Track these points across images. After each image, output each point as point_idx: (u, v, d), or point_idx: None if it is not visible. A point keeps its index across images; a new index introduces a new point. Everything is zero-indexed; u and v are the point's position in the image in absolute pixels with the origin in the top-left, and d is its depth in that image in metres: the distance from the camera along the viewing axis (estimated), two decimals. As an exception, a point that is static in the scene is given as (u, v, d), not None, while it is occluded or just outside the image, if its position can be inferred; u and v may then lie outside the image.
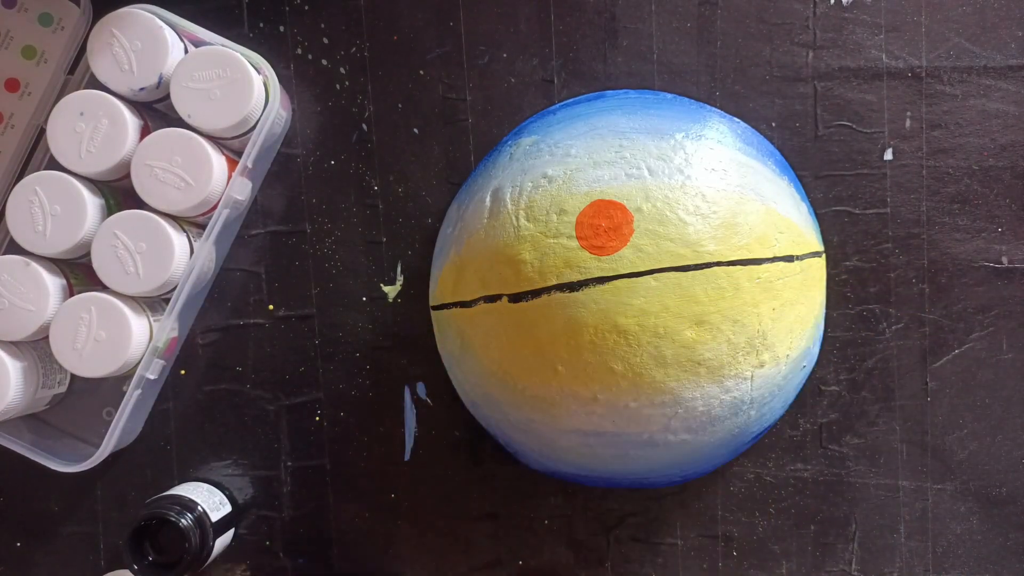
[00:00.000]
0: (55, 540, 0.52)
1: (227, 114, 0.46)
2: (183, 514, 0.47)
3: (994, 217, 0.50)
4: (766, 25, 0.50)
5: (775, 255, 0.44)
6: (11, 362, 0.46)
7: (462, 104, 0.51)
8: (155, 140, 0.46)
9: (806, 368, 0.48)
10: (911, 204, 0.50)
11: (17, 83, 0.49)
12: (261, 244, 0.51)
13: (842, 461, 0.50)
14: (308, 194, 0.51)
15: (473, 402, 0.49)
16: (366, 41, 0.51)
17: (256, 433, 0.52)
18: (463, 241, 0.46)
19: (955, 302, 0.50)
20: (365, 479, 0.51)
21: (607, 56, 0.50)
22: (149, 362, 0.47)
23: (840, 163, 0.50)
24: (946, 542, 0.50)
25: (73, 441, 0.51)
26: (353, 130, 0.51)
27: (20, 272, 0.46)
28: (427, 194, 0.51)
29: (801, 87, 0.50)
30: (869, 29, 0.50)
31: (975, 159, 0.50)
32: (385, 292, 0.51)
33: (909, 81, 0.50)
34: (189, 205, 0.46)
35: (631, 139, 0.45)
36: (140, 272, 0.46)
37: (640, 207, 0.43)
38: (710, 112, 0.48)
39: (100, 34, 0.46)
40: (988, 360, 0.50)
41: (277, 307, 0.51)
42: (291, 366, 0.51)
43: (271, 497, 0.52)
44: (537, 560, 0.51)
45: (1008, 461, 0.50)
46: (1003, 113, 0.50)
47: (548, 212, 0.44)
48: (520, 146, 0.47)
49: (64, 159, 0.46)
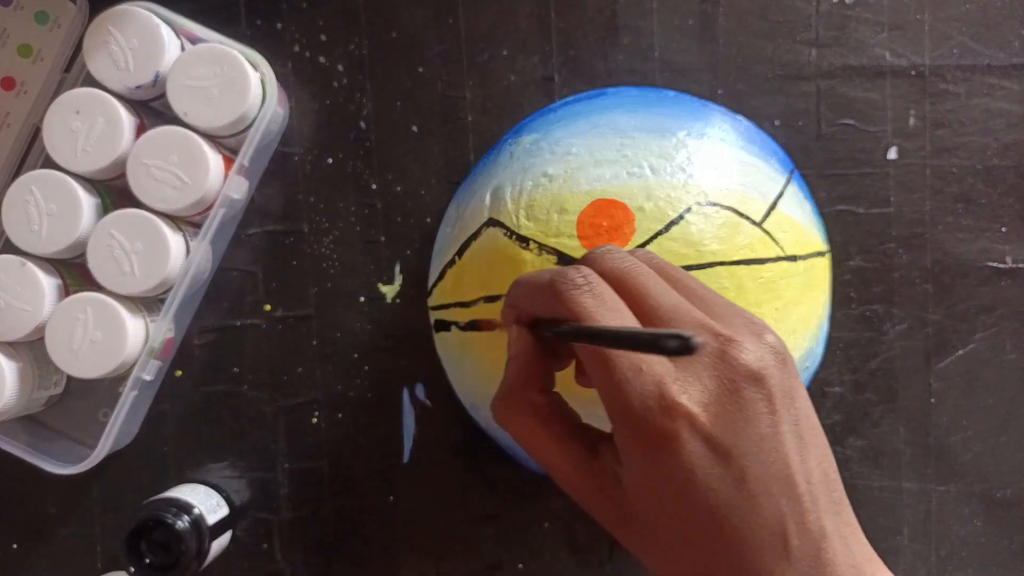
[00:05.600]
0: (51, 542, 0.52)
1: (224, 112, 0.45)
2: (180, 516, 0.46)
3: (998, 217, 0.50)
4: (768, 23, 0.50)
5: (778, 255, 0.44)
6: (6, 363, 0.46)
7: (462, 102, 0.50)
8: (151, 138, 0.45)
9: (809, 369, 0.48)
10: (915, 203, 0.50)
11: (13, 81, 0.49)
12: (258, 244, 0.51)
13: (845, 463, 0.50)
14: (305, 193, 0.51)
15: (473, 403, 0.49)
16: (364, 39, 0.50)
17: (253, 435, 0.51)
18: (463, 240, 0.46)
19: (959, 302, 0.50)
20: (363, 481, 0.51)
21: (608, 54, 0.50)
22: (145, 363, 0.47)
23: (843, 162, 0.50)
24: (950, 544, 0.50)
25: (69, 443, 0.51)
26: (351, 128, 0.51)
27: (15, 272, 0.46)
28: (426, 193, 0.51)
29: (804, 85, 0.50)
30: (872, 27, 0.49)
31: (979, 158, 0.50)
32: (384, 292, 0.51)
33: (912, 80, 0.50)
34: (185, 204, 0.45)
35: (632, 137, 0.45)
36: (136, 272, 0.45)
37: (642, 206, 0.43)
38: (713, 110, 0.48)
39: (96, 32, 0.45)
40: (992, 361, 0.50)
41: (274, 307, 0.51)
42: (289, 367, 0.51)
43: (268, 499, 0.51)
44: (537, 563, 0.51)
45: (1012, 463, 0.50)
46: (1007, 112, 0.49)
47: (549, 211, 0.43)
48: (520, 144, 0.47)
49: (60, 158, 0.46)
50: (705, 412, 0.30)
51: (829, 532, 0.30)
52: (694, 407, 0.30)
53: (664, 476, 0.30)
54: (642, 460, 0.31)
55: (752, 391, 0.30)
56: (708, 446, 0.30)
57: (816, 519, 0.30)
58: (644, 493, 0.31)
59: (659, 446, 0.30)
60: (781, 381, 0.31)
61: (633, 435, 0.31)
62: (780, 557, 0.29)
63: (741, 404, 0.30)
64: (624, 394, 0.30)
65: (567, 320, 0.32)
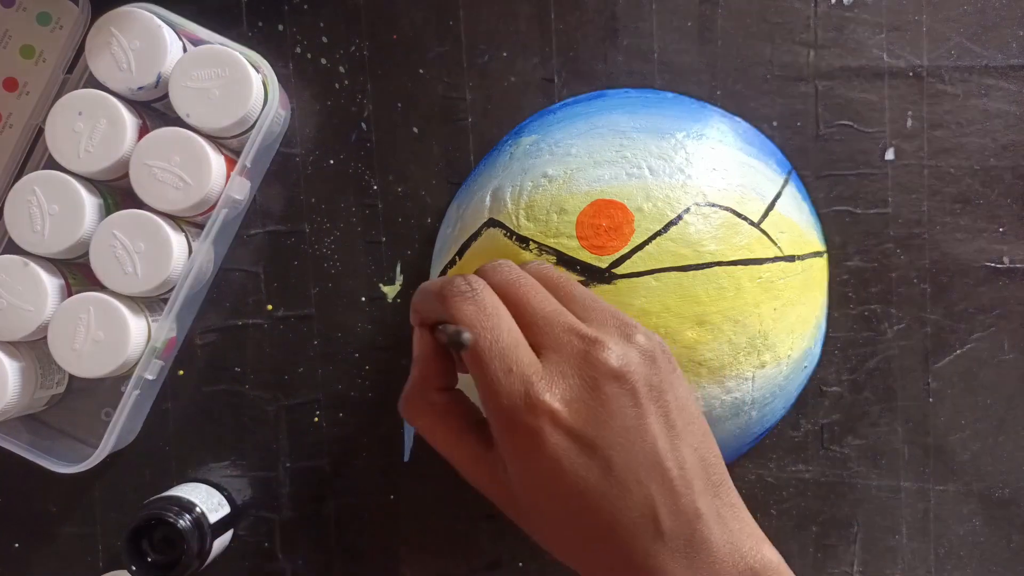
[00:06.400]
0: (53, 541, 0.52)
1: (226, 113, 0.46)
2: (181, 515, 0.46)
3: (995, 217, 0.50)
4: (767, 24, 0.50)
5: (776, 255, 0.44)
6: (9, 362, 0.46)
7: (462, 103, 0.51)
8: (154, 139, 0.46)
9: (807, 368, 0.48)
10: (912, 204, 0.50)
11: (15, 82, 0.49)
12: (260, 244, 0.51)
13: (844, 462, 0.50)
14: (307, 194, 0.51)
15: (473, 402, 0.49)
16: (365, 40, 0.51)
17: (255, 434, 0.51)
18: (463, 241, 0.46)
19: (956, 302, 0.50)
20: (364, 480, 0.51)
21: (607, 55, 0.50)
22: (147, 362, 0.47)
23: (841, 163, 0.50)
24: (948, 544, 0.50)
25: (71, 442, 0.51)
26: (352, 129, 0.51)
27: (18, 272, 0.46)
28: (427, 194, 0.51)
29: (802, 86, 0.50)
30: (870, 28, 0.50)
31: (976, 159, 0.50)
32: (385, 292, 0.51)
33: (910, 81, 0.50)
34: (188, 205, 0.45)
35: (632, 138, 0.45)
36: (138, 272, 0.46)
37: (641, 207, 0.43)
38: (711, 111, 0.48)
39: (99, 33, 0.46)
40: (990, 360, 0.50)
41: (276, 307, 0.51)
42: (290, 366, 0.51)
43: (270, 498, 0.51)
44: (537, 562, 0.51)
45: (1011, 462, 0.50)
46: (1004, 113, 0.50)
47: (548, 212, 0.44)
48: (520, 145, 0.47)
49: (62, 158, 0.46)
50: (567, 408, 0.32)
51: (704, 512, 0.33)
52: (556, 404, 0.32)
53: (534, 467, 0.33)
54: (514, 452, 0.33)
55: (614, 387, 0.33)
56: (571, 438, 0.32)
57: (690, 501, 0.33)
58: (522, 481, 0.34)
59: (526, 440, 0.33)
60: (647, 377, 0.33)
61: (503, 430, 0.33)
62: (654, 537, 0.32)
63: (603, 399, 0.33)
64: (495, 392, 0.33)
65: (451, 324, 0.34)
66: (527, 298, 0.35)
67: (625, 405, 0.33)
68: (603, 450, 0.32)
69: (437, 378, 0.37)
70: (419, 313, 0.37)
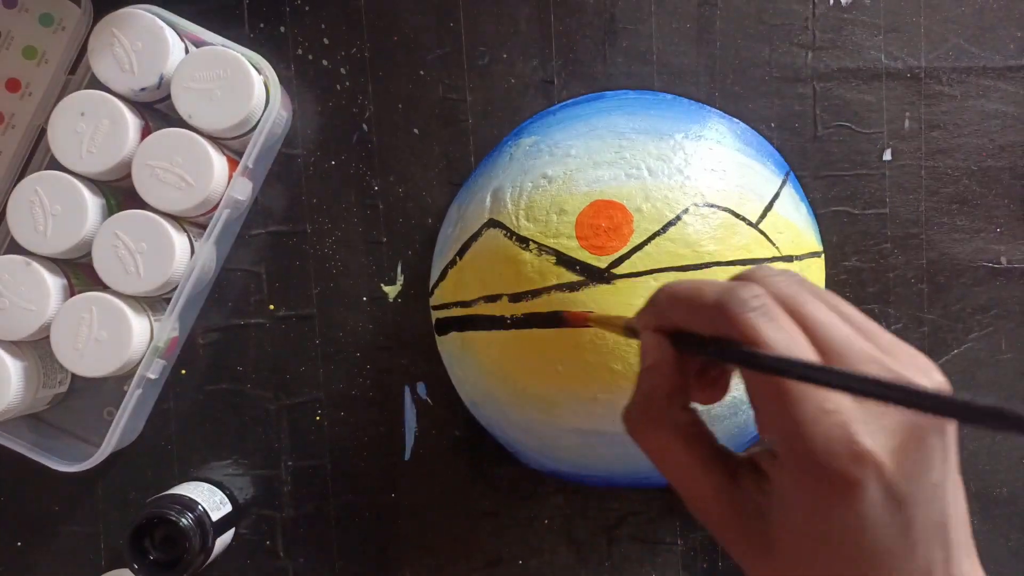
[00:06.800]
0: (55, 540, 0.52)
1: (228, 114, 0.46)
2: (183, 513, 0.47)
3: (993, 217, 0.50)
4: (765, 26, 0.50)
5: (775, 255, 0.44)
6: (12, 362, 0.46)
7: (462, 105, 0.51)
8: (156, 140, 0.46)
9: (805, 368, 0.48)
10: (910, 204, 0.50)
11: (18, 83, 0.49)
12: (262, 244, 0.52)
13: (841, 461, 0.50)
14: (308, 194, 0.51)
15: (473, 401, 0.49)
16: (366, 42, 0.51)
17: (257, 433, 0.52)
18: (464, 241, 0.47)
19: (954, 302, 0.50)
20: (365, 479, 0.51)
21: (607, 57, 0.50)
22: (150, 362, 0.47)
23: (839, 163, 0.50)
24: (945, 542, 0.50)
25: (74, 441, 0.51)
26: (353, 130, 0.51)
27: (21, 272, 0.46)
28: (427, 194, 0.51)
29: (800, 88, 0.50)
30: (868, 30, 0.50)
31: (974, 159, 0.50)
32: (385, 292, 0.51)
33: (908, 82, 0.50)
34: (190, 205, 0.46)
35: (631, 139, 0.45)
36: (141, 272, 0.46)
37: (640, 207, 0.43)
38: (709, 112, 0.49)
39: (101, 34, 0.46)
40: (987, 360, 0.50)
41: (278, 307, 0.52)
42: (292, 366, 0.52)
43: (272, 496, 0.52)
44: (537, 560, 0.51)
45: (1008, 461, 0.50)
46: (1002, 114, 0.50)
47: (548, 212, 0.44)
48: (520, 146, 0.48)
49: (65, 159, 0.46)
50: (892, 460, 0.28)
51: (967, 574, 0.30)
52: (883, 455, 0.28)
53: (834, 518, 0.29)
54: (812, 502, 0.29)
55: (935, 439, 0.29)
56: (887, 494, 0.28)
57: (957, 563, 0.30)
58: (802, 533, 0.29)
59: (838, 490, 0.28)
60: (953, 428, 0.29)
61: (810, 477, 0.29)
62: None
63: (925, 452, 0.29)
64: (808, 435, 0.28)
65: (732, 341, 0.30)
66: (816, 318, 0.30)
67: (937, 460, 0.29)
68: (910, 508, 0.28)
69: (679, 394, 0.32)
70: (661, 318, 0.32)
